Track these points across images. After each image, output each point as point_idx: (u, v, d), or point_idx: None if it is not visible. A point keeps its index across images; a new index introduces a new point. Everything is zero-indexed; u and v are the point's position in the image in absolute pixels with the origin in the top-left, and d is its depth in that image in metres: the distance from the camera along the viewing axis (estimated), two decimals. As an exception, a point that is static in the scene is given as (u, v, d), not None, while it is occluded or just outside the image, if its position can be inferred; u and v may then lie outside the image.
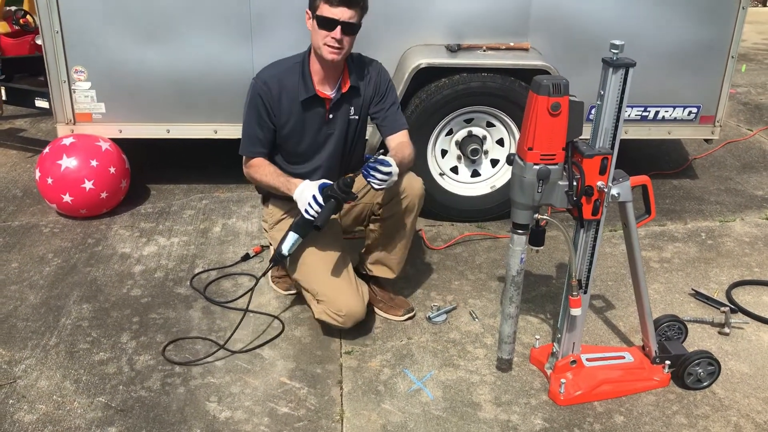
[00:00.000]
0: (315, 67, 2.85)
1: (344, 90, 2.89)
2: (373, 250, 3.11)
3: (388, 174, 2.61)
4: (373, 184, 2.64)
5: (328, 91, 2.89)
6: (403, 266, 3.14)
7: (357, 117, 2.97)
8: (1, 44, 5.93)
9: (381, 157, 2.64)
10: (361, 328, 3.04)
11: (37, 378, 2.72)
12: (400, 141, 2.94)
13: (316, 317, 2.93)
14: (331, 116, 2.92)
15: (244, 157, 2.95)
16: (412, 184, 2.96)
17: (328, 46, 2.72)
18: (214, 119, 3.91)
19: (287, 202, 2.90)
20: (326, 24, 2.69)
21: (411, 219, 3.00)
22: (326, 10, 2.68)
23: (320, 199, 2.67)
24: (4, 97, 4.59)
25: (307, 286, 2.93)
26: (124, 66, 3.82)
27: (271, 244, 3.14)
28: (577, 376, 2.67)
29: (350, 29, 2.73)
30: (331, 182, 2.72)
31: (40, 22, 3.72)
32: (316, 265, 2.91)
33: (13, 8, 6.15)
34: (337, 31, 2.69)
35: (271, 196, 3.06)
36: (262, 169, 2.91)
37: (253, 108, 2.87)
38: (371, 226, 3.07)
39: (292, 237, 2.80)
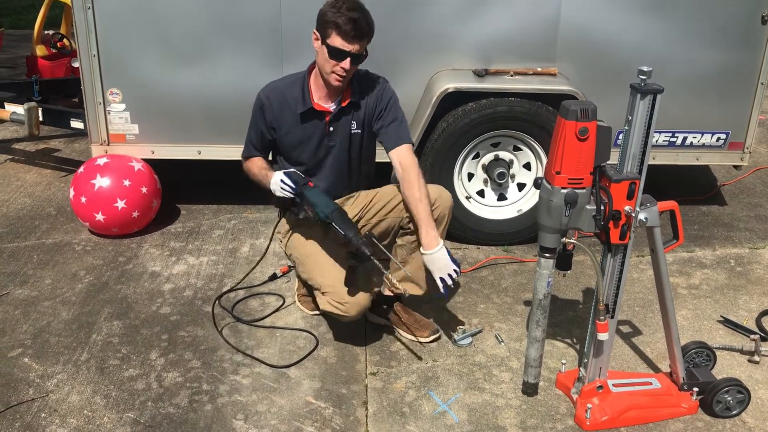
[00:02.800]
0: (318, 82, 2.93)
1: (344, 104, 2.96)
2: (402, 267, 3.12)
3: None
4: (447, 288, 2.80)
5: (327, 105, 2.96)
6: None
7: (359, 131, 3.01)
8: (38, 66, 6.11)
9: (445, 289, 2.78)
10: (385, 349, 3.06)
11: (68, 392, 2.77)
12: (403, 162, 2.90)
13: (321, 309, 2.95)
14: (331, 129, 2.98)
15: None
16: (442, 195, 3.01)
17: (336, 74, 2.81)
18: (244, 141, 3.97)
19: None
20: (336, 55, 2.76)
21: (441, 230, 3.01)
22: (338, 42, 2.74)
23: (287, 180, 2.84)
24: (41, 118, 4.70)
25: (312, 281, 2.97)
26: (157, 88, 3.91)
27: (290, 255, 3.17)
28: (603, 401, 2.65)
29: (358, 59, 2.81)
30: (293, 169, 2.91)
31: (78, 46, 3.83)
32: (319, 258, 2.96)
33: (50, 32, 6.34)
34: (347, 62, 2.78)
35: (285, 209, 3.11)
36: (252, 163, 3.08)
37: (254, 118, 3.04)
38: (399, 241, 3.09)
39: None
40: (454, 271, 2.77)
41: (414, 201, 2.84)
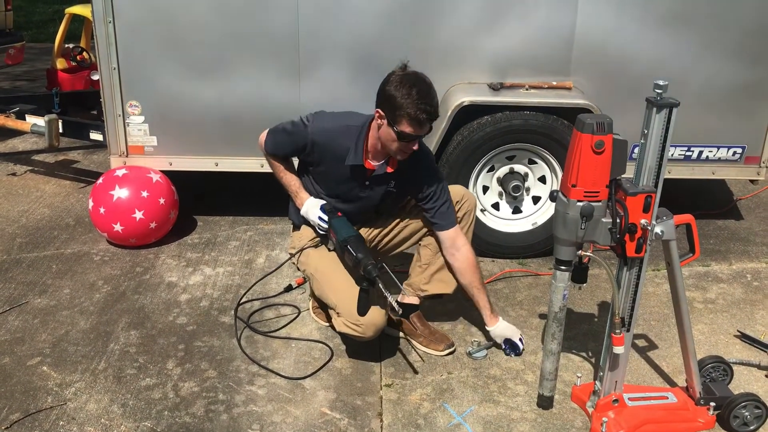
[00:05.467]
0: (372, 142, 2.91)
1: (389, 170, 2.97)
2: (428, 267, 3.14)
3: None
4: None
5: (374, 162, 2.97)
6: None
7: (395, 190, 3.05)
8: (58, 79, 6.20)
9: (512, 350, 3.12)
10: (401, 361, 3.06)
11: (86, 401, 2.79)
12: (460, 244, 3.04)
13: (338, 330, 2.96)
14: (367, 183, 3.01)
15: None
16: (466, 194, 3.15)
17: (403, 152, 2.83)
18: (261, 154, 4.00)
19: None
20: (406, 138, 2.76)
21: (469, 225, 3.12)
22: (410, 130, 2.72)
23: (324, 217, 2.98)
24: (60, 130, 4.77)
25: (326, 299, 2.99)
26: (176, 101, 3.96)
27: (303, 271, 3.18)
28: (619, 415, 2.64)
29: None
30: (324, 203, 3.03)
31: (98, 59, 3.89)
32: (332, 276, 2.97)
33: (71, 45, 6.43)
34: (416, 145, 2.80)
35: (302, 224, 3.16)
36: (280, 168, 3.12)
37: (294, 141, 2.99)
38: (423, 242, 3.14)
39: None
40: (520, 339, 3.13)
41: (474, 290, 3.07)
